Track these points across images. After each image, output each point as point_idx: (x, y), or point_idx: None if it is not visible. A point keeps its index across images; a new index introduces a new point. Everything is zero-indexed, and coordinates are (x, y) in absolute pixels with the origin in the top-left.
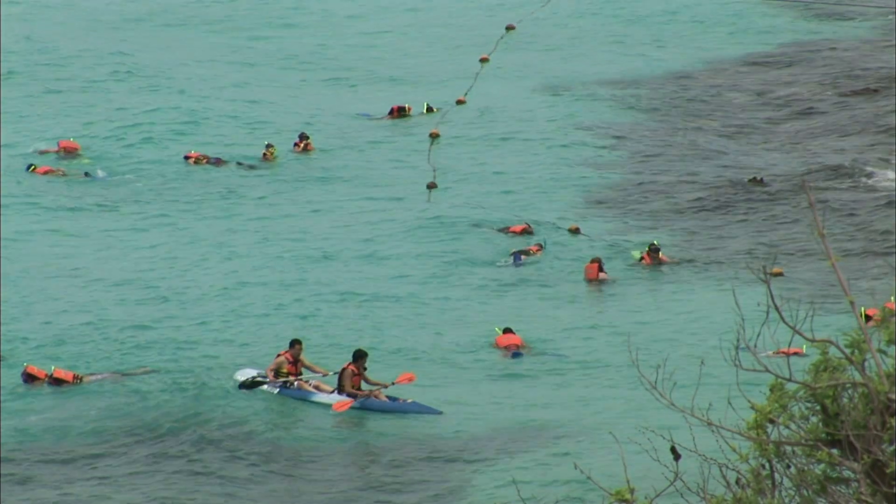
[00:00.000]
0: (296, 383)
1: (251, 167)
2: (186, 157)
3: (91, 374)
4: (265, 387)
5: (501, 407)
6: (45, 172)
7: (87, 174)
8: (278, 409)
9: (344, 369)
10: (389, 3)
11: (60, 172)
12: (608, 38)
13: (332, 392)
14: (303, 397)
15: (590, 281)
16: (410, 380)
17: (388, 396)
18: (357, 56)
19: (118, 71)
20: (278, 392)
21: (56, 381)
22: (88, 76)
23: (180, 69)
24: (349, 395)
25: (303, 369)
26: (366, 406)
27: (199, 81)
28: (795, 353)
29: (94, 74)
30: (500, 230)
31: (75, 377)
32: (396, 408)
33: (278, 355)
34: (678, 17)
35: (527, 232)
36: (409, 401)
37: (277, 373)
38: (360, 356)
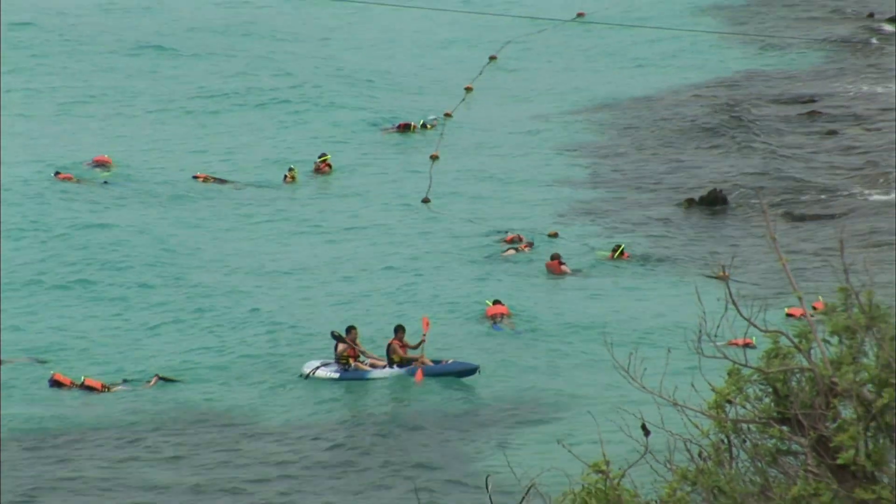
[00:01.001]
0: (353, 364)
1: (259, 186)
2: (195, 177)
3: (117, 384)
4: (325, 373)
5: (494, 386)
6: (64, 178)
7: (105, 182)
8: (325, 399)
9: (389, 344)
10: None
11: (75, 180)
12: (581, 69)
13: (385, 367)
14: (361, 377)
15: (553, 275)
16: (427, 323)
17: (432, 360)
18: (360, 73)
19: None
20: (339, 377)
21: (86, 389)
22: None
23: (217, 91)
24: (399, 365)
25: (360, 353)
26: (413, 371)
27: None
28: (746, 345)
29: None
30: (498, 240)
31: (104, 386)
32: (441, 369)
33: (338, 343)
34: (643, 49)
35: (516, 241)
36: (450, 361)
37: (339, 358)
38: (398, 330)
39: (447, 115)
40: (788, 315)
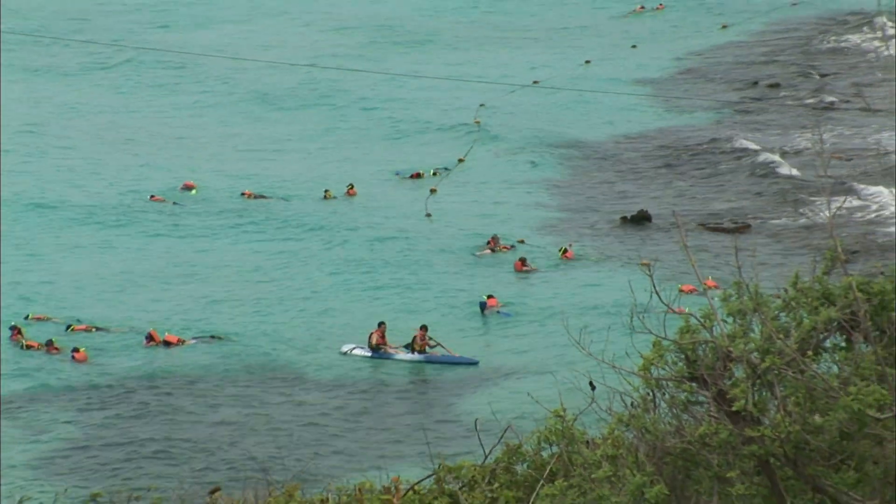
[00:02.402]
0: (382, 349)
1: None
2: (243, 194)
3: (188, 340)
4: (361, 353)
5: (482, 357)
6: (155, 199)
7: (174, 203)
8: (373, 366)
9: (414, 337)
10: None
11: (161, 200)
12: (540, 123)
13: (406, 353)
14: (388, 357)
15: (518, 271)
16: (474, 363)
17: (441, 352)
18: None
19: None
20: (371, 356)
21: (167, 343)
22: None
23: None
24: (418, 352)
25: (385, 343)
26: (429, 360)
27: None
28: (679, 312)
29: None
30: (482, 244)
31: (179, 340)
32: (447, 359)
33: (371, 333)
34: (588, 108)
35: (497, 244)
36: (457, 354)
37: (370, 344)
38: (423, 327)
39: (460, 160)
40: (680, 290)
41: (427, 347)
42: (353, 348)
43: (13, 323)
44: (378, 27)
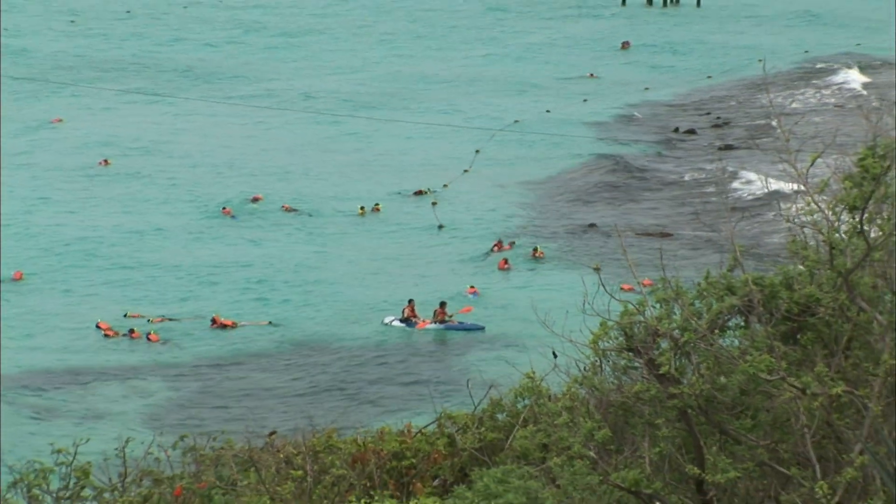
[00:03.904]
0: (413, 321)
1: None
2: (283, 207)
3: (241, 323)
4: (396, 323)
5: (472, 334)
6: (225, 212)
7: (232, 216)
8: (397, 336)
9: (435, 311)
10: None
11: (229, 212)
12: (517, 156)
13: (431, 323)
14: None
15: (501, 269)
16: (469, 310)
17: (458, 321)
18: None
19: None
20: (404, 326)
21: (223, 326)
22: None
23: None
24: (440, 323)
25: (416, 315)
26: (448, 328)
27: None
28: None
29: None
30: (488, 250)
31: (233, 324)
32: (462, 327)
33: (404, 308)
34: (550, 144)
35: (501, 246)
36: (469, 322)
37: (404, 317)
38: (442, 304)
39: (445, 185)
40: (622, 288)
41: (445, 318)
42: (393, 320)
43: (99, 320)
44: (393, 80)
